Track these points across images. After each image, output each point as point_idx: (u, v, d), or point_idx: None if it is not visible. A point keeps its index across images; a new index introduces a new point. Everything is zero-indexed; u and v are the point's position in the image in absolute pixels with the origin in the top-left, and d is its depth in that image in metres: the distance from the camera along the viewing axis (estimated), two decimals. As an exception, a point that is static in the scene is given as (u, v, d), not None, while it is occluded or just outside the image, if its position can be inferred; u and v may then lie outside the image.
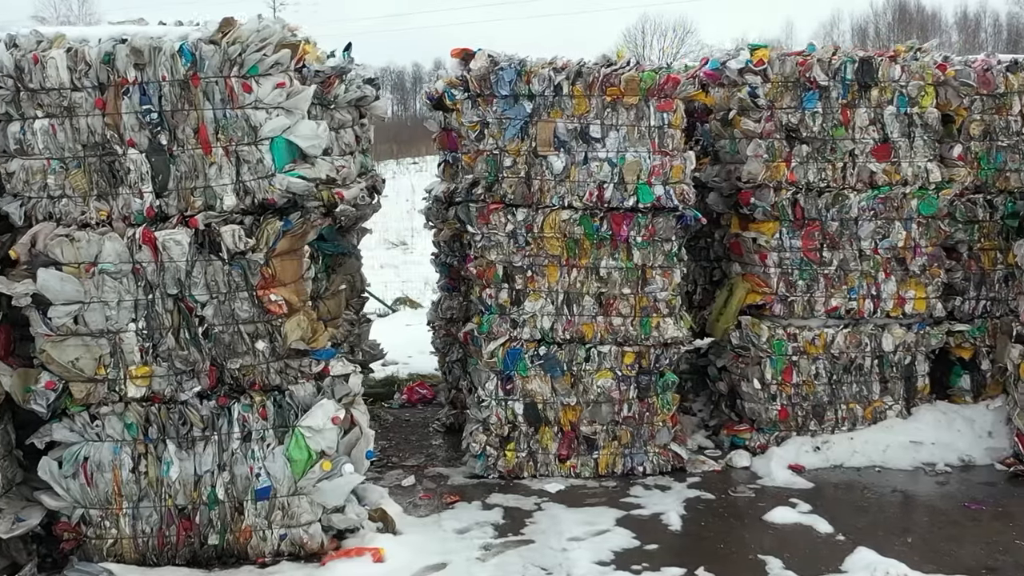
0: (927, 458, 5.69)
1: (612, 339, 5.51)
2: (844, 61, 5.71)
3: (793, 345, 5.83)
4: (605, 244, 5.46)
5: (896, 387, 5.95)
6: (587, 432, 5.56)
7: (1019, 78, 5.91)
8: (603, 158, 5.38)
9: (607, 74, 5.31)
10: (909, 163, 5.81)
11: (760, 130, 5.76)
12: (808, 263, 5.85)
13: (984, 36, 51.72)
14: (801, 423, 5.91)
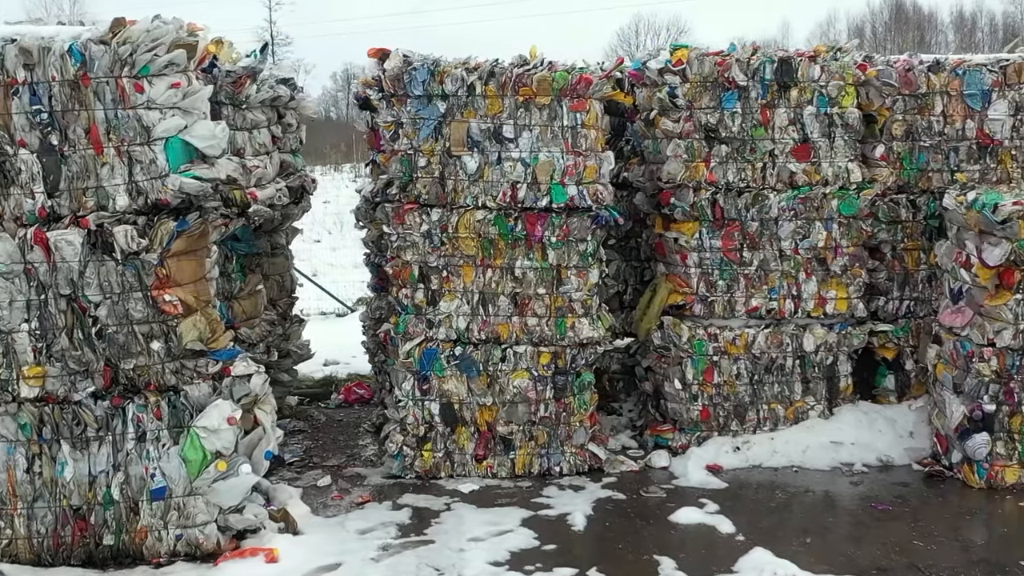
0: (846, 458, 5.69)
1: (528, 339, 5.51)
2: (763, 61, 5.71)
3: (714, 345, 5.83)
4: (520, 244, 5.46)
5: (818, 387, 5.95)
6: (503, 432, 5.56)
7: (941, 78, 5.91)
8: (516, 158, 5.37)
9: (519, 74, 5.31)
10: (829, 163, 5.80)
11: (679, 130, 5.76)
12: (728, 263, 5.85)
13: (980, 36, 51.73)
14: (723, 423, 5.91)
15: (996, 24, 51.70)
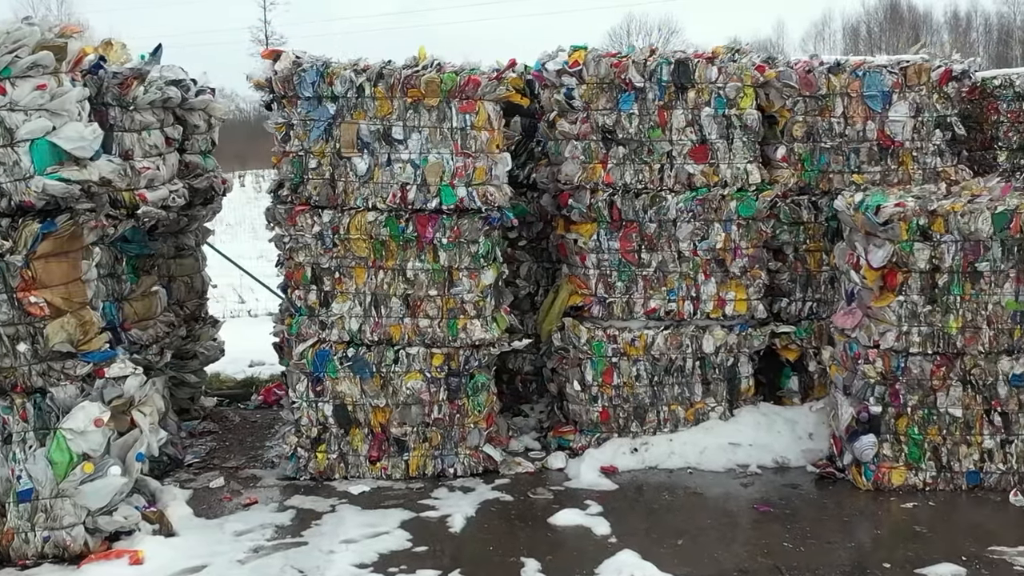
0: (743, 460, 5.69)
1: (420, 341, 5.50)
2: (659, 62, 5.71)
3: (613, 347, 5.83)
4: (411, 246, 5.45)
5: (719, 388, 5.95)
6: (397, 434, 5.56)
7: (841, 79, 5.91)
8: (406, 160, 5.37)
9: (408, 75, 5.31)
10: (728, 164, 5.80)
11: (576, 132, 5.76)
12: (626, 264, 5.86)
13: (975, 35, 51.75)
14: (623, 425, 5.91)
15: (991, 24, 51.79)
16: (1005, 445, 5.16)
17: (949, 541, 4.55)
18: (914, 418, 5.18)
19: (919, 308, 5.09)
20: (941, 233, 5.02)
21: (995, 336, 5.07)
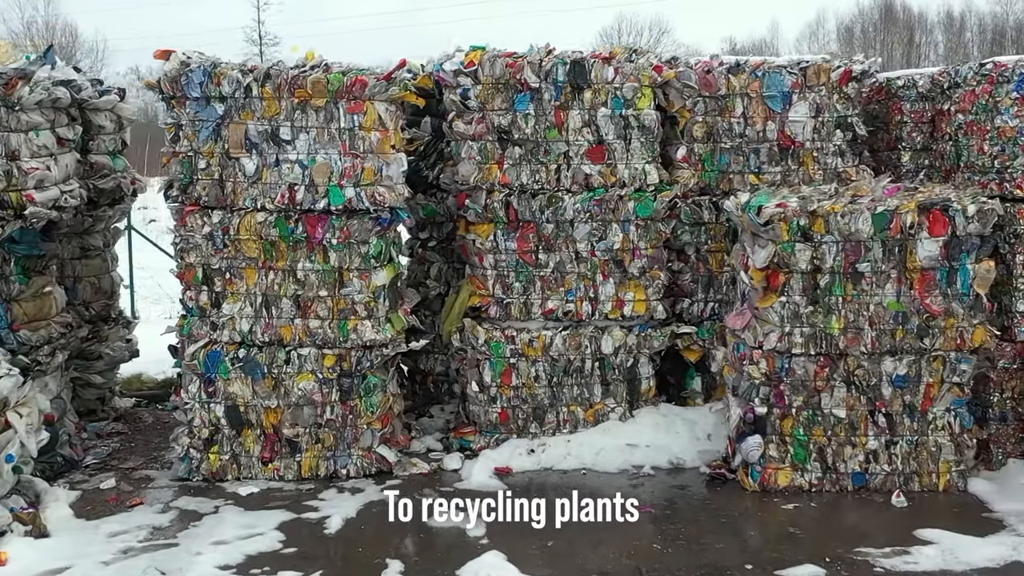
0: (639, 460, 5.68)
1: (311, 341, 5.49)
2: (555, 63, 5.70)
3: (511, 347, 5.82)
4: (301, 246, 5.44)
5: (619, 389, 5.94)
6: (289, 435, 5.55)
7: (741, 80, 5.89)
8: (294, 160, 5.36)
9: (294, 76, 5.30)
10: (626, 165, 5.79)
11: (472, 132, 5.75)
12: (524, 265, 5.85)
13: (969, 35, 51.71)
14: (522, 425, 5.90)
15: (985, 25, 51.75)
16: (890, 446, 5.15)
17: (819, 542, 4.55)
18: (799, 419, 5.17)
19: (801, 309, 5.08)
20: (822, 234, 5.01)
21: (877, 337, 5.06)
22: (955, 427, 5.12)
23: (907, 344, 5.06)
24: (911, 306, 5.04)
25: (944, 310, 5.03)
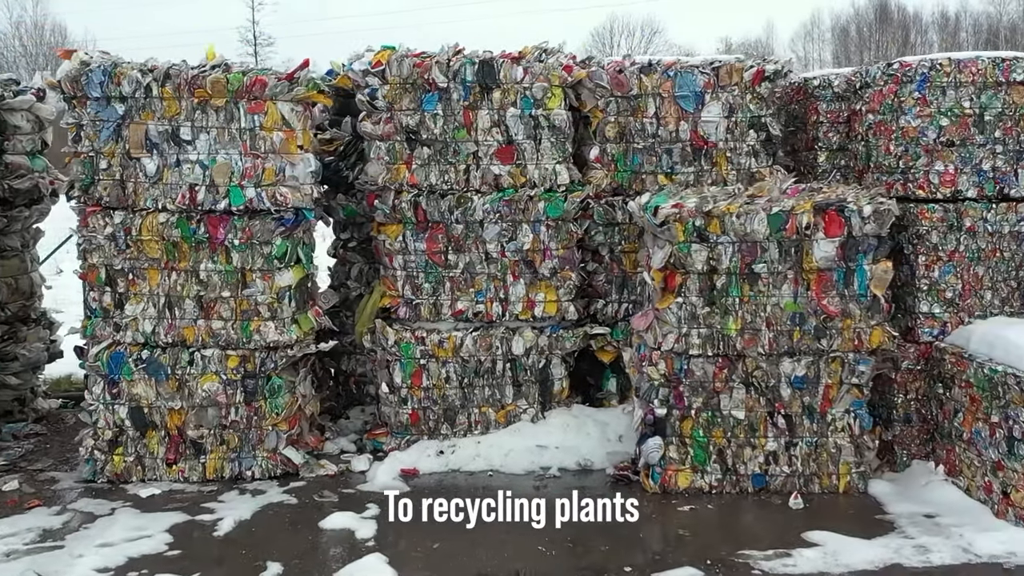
0: (547, 462, 5.65)
1: (215, 342, 5.47)
2: (464, 63, 5.68)
3: (421, 348, 5.80)
4: (203, 247, 5.42)
5: (531, 391, 5.91)
6: (194, 436, 5.52)
7: (653, 80, 5.87)
8: (194, 160, 5.34)
9: (194, 75, 5.27)
10: (536, 165, 5.77)
11: (380, 132, 5.73)
12: (433, 266, 5.83)
13: (964, 35, 51.76)
14: (433, 427, 5.88)
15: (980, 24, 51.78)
16: (790, 448, 5.13)
17: (706, 544, 4.52)
18: (698, 420, 5.15)
19: (698, 310, 5.06)
20: (717, 234, 4.99)
21: (775, 338, 5.04)
22: (855, 429, 5.10)
23: (805, 345, 5.04)
24: (808, 307, 5.02)
25: (841, 311, 5.01)
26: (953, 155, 5.26)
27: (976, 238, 5.27)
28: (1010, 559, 4.27)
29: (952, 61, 5.23)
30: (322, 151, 6.22)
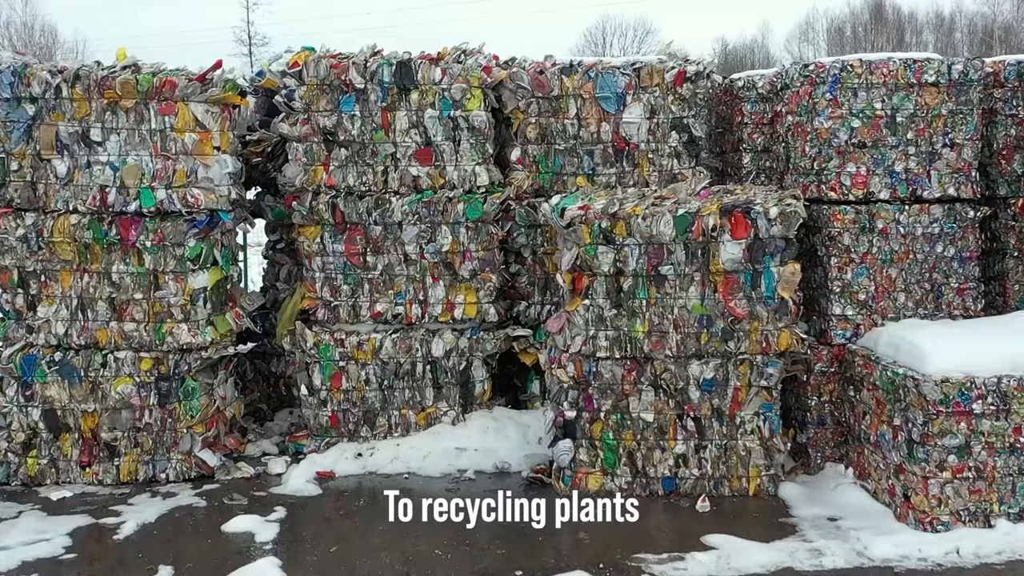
0: (464, 464, 5.63)
1: (127, 344, 5.44)
2: (381, 64, 5.66)
3: (340, 350, 5.78)
4: (115, 249, 5.40)
5: (451, 393, 5.89)
6: (108, 439, 5.50)
7: (574, 81, 5.85)
8: (105, 162, 5.32)
9: (103, 77, 5.25)
10: (455, 167, 5.75)
11: (298, 133, 5.71)
12: (352, 267, 5.80)
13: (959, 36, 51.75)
14: (353, 429, 5.85)
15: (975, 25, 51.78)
16: (699, 450, 5.11)
17: (603, 548, 4.49)
18: (608, 423, 5.13)
19: (605, 312, 5.04)
20: (623, 236, 4.96)
21: (682, 340, 5.02)
22: (764, 431, 5.08)
23: (712, 348, 5.02)
24: (715, 309, 5.00)
25: (748, 313, 4.99)
26: (865, 157, 5.23)
27: (889, 240, 5.25)
28: (902, 563, 4.26)
29: (863, 62, 5.21)
30: (250, 153, 6.19)
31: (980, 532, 4.43)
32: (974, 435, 4.44)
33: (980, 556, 4.29)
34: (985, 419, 4.43)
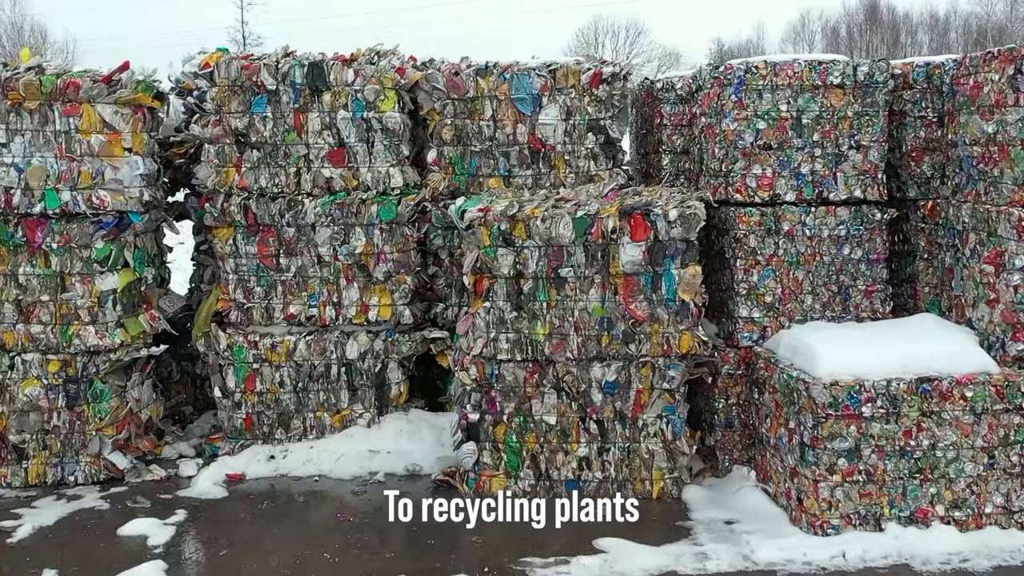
0: (377, 467, 5.61)
1: (34, 347, 5.42)
2: (293, 65, 5.64)
3: (254, 352, 5.76)
4: (22, 250, 5.38)
5: (367, 395, 5.87)
6: (15, 441, 5.47)
7: (489, 82, 5.83)
8: (9, 163, 5.29)
9: (7, 78, 5.23)
10: (368, 168, 5.73)
11: (209, 135, 5.69)
12: (265, 269, 5.78)
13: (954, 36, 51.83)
14: (268, 432, 5.83)
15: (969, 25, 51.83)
16: (602, 453, 5.09)
17: (493, 551, 4.48)
18: (511, 426, 5.11)
19: (506, 314, 5.02)
20: (523, 238, 4.95)
21: (583, 343, 5.00)
22: (668, 434, 5.06)
23: (614, 350, 5.00)
24: (616, 312, 4.98)
25: (649, 316, 4.97)
26: (771, 159, 5.22)
27: (795, 242, 5.23)
28: (786, 567, 4.24)
29: (768, 64, 5.19)
30: (174, 154, 6.18)
31: (869, 536, 4.42)
32: (864, 438, 4.43)
33: (866, 560, 4.27)
34: (875, 422, 4.42)
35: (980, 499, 4.47)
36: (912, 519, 4.46)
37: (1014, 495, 4.48)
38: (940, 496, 4.47)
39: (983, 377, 4.45)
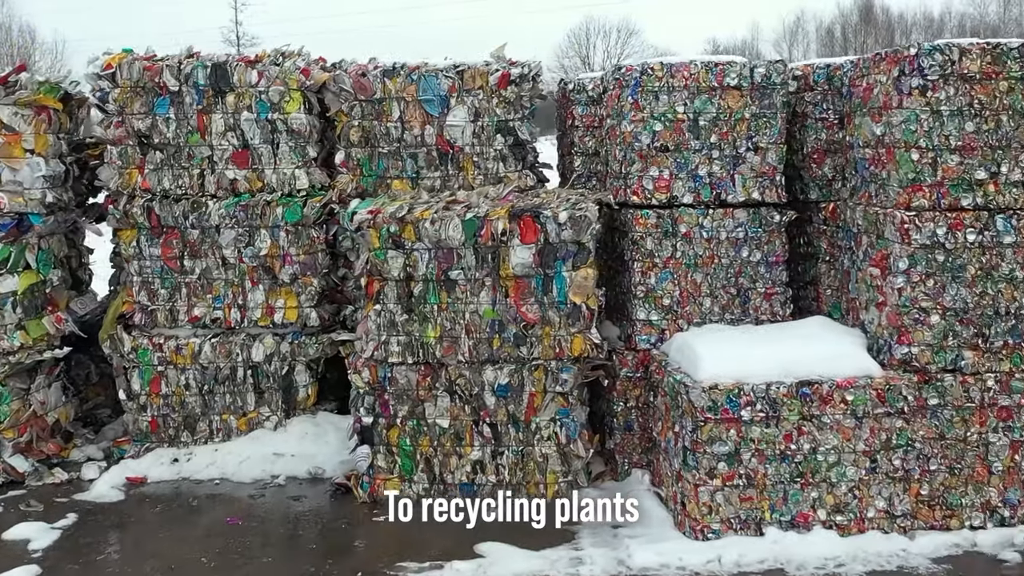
0: (279, 470, 5.57)
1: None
2: (195, 66, 5.61)
3: (159, 355, 5.73)
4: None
5: (273, 398, 5.83)
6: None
7: (396, 83, 5.80)
8: (-97, 165, 5.27)
9: (-100, 79, 5.20)
10: (273, 170, 5.70)
11: (112, 136, 5.66)
12: (169, 271, 5.75)
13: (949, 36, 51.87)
14: (174, 435, 5.80)
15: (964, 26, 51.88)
16: (496, 456, 5.06)
17: (374, 556, 4.45)
18: (405, 429, 5.08)
19: (396, 317, 4.99)
20: (412, 241, 4.92)
21: (475, 346, 4.97)
22: (562, 437, 5.03)
23: (506, 353, 4.97)
24: (507, 314, 4.95)
25: (540, 318, 4.94)
26: (668, 160, 5.19)
27: (693, 244, 5.20)
28: (660, 571, 4.22)
29: (664, 65, 5.16)
30: (88, 155, 6.15)
31: (748, 540, 4.39)
32: (744, 442, 4.40)
33: (740, 565, 4.24)
34: (755, 426, 4.39)
35: (862, 503, 4.45)
36: (793, 524, 4.43)
37: (896, 499, 4.46)
38: (822, 500, 4.45)
39: (864, 380, 4.42)
